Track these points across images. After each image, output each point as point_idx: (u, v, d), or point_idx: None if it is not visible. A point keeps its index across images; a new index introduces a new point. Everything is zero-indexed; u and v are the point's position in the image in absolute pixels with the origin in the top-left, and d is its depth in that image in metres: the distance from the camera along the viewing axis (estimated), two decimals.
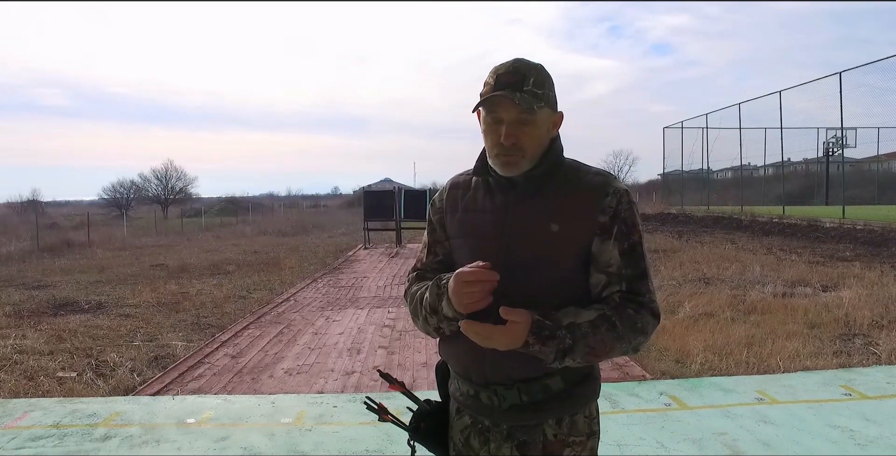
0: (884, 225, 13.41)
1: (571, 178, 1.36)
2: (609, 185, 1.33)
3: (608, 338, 1.25)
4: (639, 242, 1.33)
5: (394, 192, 16.55)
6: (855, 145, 24.22)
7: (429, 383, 4.30)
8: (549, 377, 1.33)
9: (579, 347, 1.24)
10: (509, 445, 1.36)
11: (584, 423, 1.37)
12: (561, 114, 1.39)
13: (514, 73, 1.32)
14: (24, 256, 14.75)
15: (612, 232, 1.31)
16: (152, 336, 6.03)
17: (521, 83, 1.30)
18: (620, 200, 1.32)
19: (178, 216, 35.84)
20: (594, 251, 1.32)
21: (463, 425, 1.44)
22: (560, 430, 1.34)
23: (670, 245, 13.25)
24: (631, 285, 1.31)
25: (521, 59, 1.35)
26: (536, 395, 1.33)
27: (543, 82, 1.33)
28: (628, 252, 1.31)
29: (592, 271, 1.33)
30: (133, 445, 3.38)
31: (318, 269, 11.49)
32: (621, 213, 1.32)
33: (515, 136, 1.31)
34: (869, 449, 3.13)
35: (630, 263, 1.31)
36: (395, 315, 6.81)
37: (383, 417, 1.48)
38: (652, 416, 3.64)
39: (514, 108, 1.29)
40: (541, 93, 1.31)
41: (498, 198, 1.39)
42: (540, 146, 1.34)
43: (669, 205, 28.04)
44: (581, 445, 1.35)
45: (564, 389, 1.34)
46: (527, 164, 1.34)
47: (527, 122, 1.31)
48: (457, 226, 1.45)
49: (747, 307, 6.52)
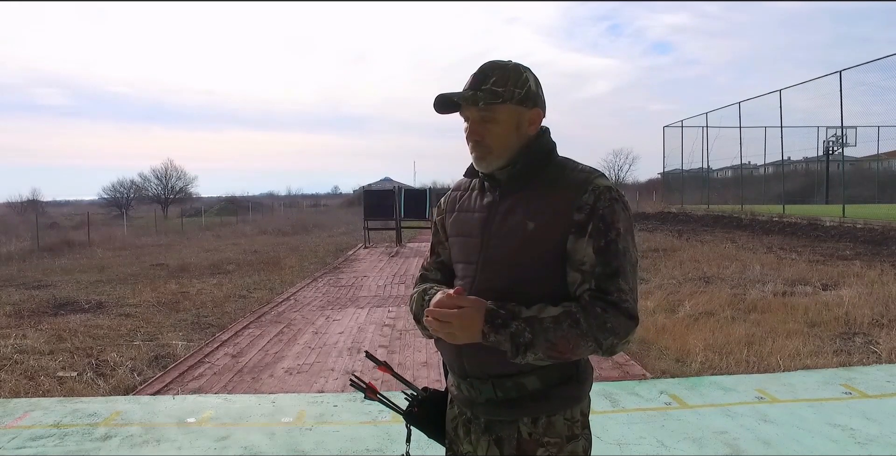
0: (884, 224, 13.41)
1: (556, 176, 1.37)
2: (589, 183, 1.32)
3: (571, 335, 1.24)
4: (615, 239, 1.29)
5: (394, 191, 16.55)
6: (855, 144, 24.23)
7: (429, 382, 4.30)
8: (524, 376, 1.33)
9: (539, 342, 1.24)
10: (486, 439, 1.38)
11: (564, 425, 1.35)
12: (537, 111, 1.39)
13: (479, 73, 1.37)
14: (24, 256, 14.76)
15: (588, 229, 1.29)
16: (152, 336, 6.03)
17: (482, 82, 1.35)
18: (599, 197, 1.30)
19: (179, 216, 35.85)
20: (568, 249, 1.31)
21: (453, 415, 1.48)
22: (535, 429, 1.34)
23: (670, 244, 13.25)
24: (600, 284, 1.28)
25: (495, 60, 1.40)
26: (510, 391, 1.34)
27: (507, 80, 1.35)
28: (603, 250, 1.29)
29: (568, 270, 1.32)
30: (133, 444, 3.38)
31: (318, 268, 11.49)
32: (599, 211, 1.30)
33: (479, 133, 1.37)
34: (869, 447, 3.13)
35: (603, 261, 1.28)
36: (396, 314, 6.81)
37: (370, 396, 1.51)
38: (652, 415, 3.64)
39: (473, 106, 1.35)
40: (501, 90, 1.34)
41: (487, 197, 1.43)
42: (507, 142, 1.37)
43: (669, 204, 28.05)
44: (557, 446, 1.34)
45: (541, 389, 1.34)
46: (496, 160, 1.37)
47: (489, 120, 1.36)
48: (452, 225, 1.50)
49: (747, 306, 6.52)
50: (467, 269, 1.41)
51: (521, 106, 1.37)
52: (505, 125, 1.36)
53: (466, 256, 1.42)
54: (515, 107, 1.36)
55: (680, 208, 25.42)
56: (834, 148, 24.36)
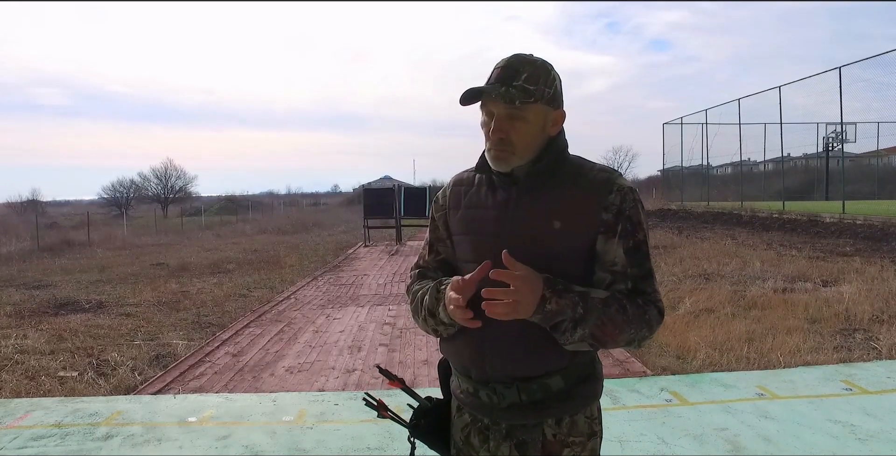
0: (884, 220, 13.40)
1: (575, 175, 1.34)
2: (613, 183, 1.32)
3: (618, 319, 1.24)
4: (643, 240, 1.31)
5: (393, 189, 16.55)
6: (855, 140, 24.27)
7: (430, 381, 4.31)
8: (549, 377, 1.32)
9: (591, 318, 1.22)
10: (508, 444, 1.35)
11: (585, 423, 1.35)
12: (562, 112, 1.37)
13: (507, 67, 1.31)
14: (24, 256, 14.76)
15: (617, 230, 1.29)
16: (153, 335, 6.03)
17: (513, 78, 1.29)
18: (625, 198, 1.30)
19: (178, 215, 35.83)
20: (598, 249, 1.31)
21: (463, 423, 1.43)
22: (559, 430, 1.33)
23: (670, 241, 13.25)
24: (637, 285, 1.30)
25: (522, 54, 1.34)
26: (536, 394, 1.32)
27: (538, 78, 1.30)
28: (633, 251, 1.30)
29: (596, 269, 1.32)
30: (135, 443, 3.38)
31: (318, 267, 11.49)
32: (626, 211, 1.30)
33: (504, 131, 1.31)
34: (870, 444, 3.13)
35: (635, 262, 1.30)
36: (396, 313, 6.81)
37: (382, 414, 1.46)
38: (653, 412, 3.65)
39: (504, 102, 1.29)
40: (533, 89, 1.29)
41: (500, 194, 1.37)
42: (532, 142, 1.32)
43: (669, 201, 28.05)
44: (581, 445, 1.34)
45: (564, 389, 1.32)
46: (517, 159, 1.33)
47: (517, 118, 1.30)
48: (459, 222, 1.43)
49: (747, 303, 6.51)
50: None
51: (548, 106, 1.33)
52: (533, 125, 1.31)
53: (479, 256, 1.32)
54: (544, 107, 1.32)
55: (680, 205, 25.41)
56: (833, 144, 24.39)
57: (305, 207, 50.66)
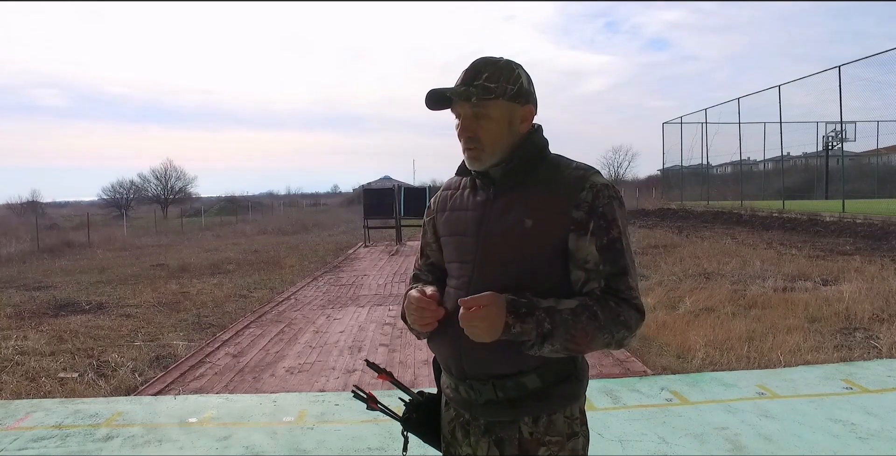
0: (884, 218, 13.41)
1: (551, 174, 1.36)
2: (586, 180, 1.32)
3: (589, 327, 1.24)
4: (618, 237, 1.30)
5: (393, 189, 16.56)
6: (854, 139, 24.30)
7: (430, 381, 4.29)
8: (524, 375, 1.33)
9: (559, 333, 1.23)
10: (486, 440, 1.37)
11: (564, 423, 1.35)
12: (529, 108, 1.39)
13: (470, 69, 1.36)
14: (24, 257, 14.76)
15: (589, 227, 1.29)
16: (153, 336, 6.03)
17: (474, 78, 1.34)
18: (598, 195, 1.30)
19: (178, 216, 35.83)
20: (570, 247, 1.31)
21: (449, 417, 1.46)
22: (536, 428, 1.34)
23: (670, 240, 13.25)
24: (610, 283, 1.29)
25: (486, 56, 1.38)
26: (511, 391, 1.33)
27: (500, 76, 1.34)
28: (606, 248, 1.29)
29: (571, 268, 1.32)
30: (135, 444, 3.39)
31: (318, 267, 11.50)
32: (599, 208, 1.30)
33: (471, 130, 1.35)
34: (870, 442, 3.13)
35: (608, 260, 1.29)
36: (396, 313, 6.80)
37: (372, 406, 1.49)
38: (653, 411, 3.65)
39: (465, 101, 1.34)
40: (493, 86, 1.33)
41: (480, 195, 1.41)
42: (499, 139, 1.35)
43: (669, 200, 28.07)
44: (558, 445, 1.34)
45: (542, 388, 1.33)
46: (488, 157, 1.36)
47: (482, 116, 1.34)
48: (444, 225, 1.48)
49: (748, 302, 6.52)
50: (463, 268, 1.39)
51: (513, 102, 1.36)
52: (497, 121, 1.35)
53: (461, 256, 1.40)
54: (508, 103, 1.35)
55: (680, 205, 25.41)
56: (833, 143, 24.39)
57: (305, 208, 50.73)
